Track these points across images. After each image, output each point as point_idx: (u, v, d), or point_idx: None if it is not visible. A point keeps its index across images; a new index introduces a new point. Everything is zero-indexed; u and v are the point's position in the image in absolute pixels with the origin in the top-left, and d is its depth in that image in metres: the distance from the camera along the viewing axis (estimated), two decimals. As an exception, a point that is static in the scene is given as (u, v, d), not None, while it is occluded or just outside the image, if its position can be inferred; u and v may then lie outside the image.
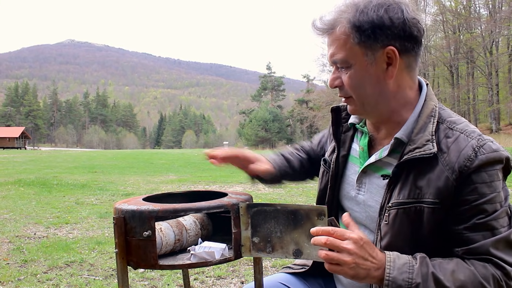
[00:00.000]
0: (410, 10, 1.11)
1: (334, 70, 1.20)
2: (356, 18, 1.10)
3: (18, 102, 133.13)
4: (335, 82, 1.20)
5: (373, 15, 1.09)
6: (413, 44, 1.14)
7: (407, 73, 1.17)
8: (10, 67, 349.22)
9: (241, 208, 1.17)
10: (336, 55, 1.15)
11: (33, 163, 22.32)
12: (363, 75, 1.14)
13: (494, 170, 1.08)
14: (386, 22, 1.09)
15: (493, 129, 36.38)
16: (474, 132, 1.13)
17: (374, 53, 1.12)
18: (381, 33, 1.10)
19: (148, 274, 3.82)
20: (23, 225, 6.04)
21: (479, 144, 1.09)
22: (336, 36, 1.14)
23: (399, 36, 1.11)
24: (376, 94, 1.17)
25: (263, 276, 1.30)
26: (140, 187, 11.11)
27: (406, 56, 1.14)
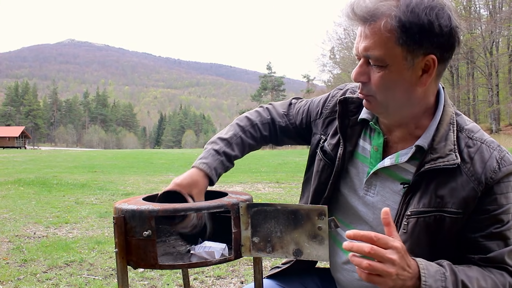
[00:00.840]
0: (455, 17, 1.05)
1: (362, 64, 1.11)
2: (406, 17, 1.01)
3: (18, 101, 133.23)
4: (361, 77, 1.12)
5: (424, 18, 1.01)
6: (451, 54, 1.09)
7: (435, 81, 1.13)
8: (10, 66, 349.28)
9: (241, 208, 1.17)
10: (373, 50, 1.06)
11: (33, 163, 22.32)
12: (397, 78, 1.07)
13: (509, 181, 1.10)
14: (435, 29, 1.02)
15: (493, 130, 36.38)
16: (493, 142, 1.14)
17: (414, 58, 1.05)
18: (428, 40, 1.03)
19: (147, 273, 3.82)
20: (23, 224, 6.04)
21: (500, 156, 1.10)
22: (377, 29, 1.04)
23: (442, 45, 1.05)
24: (404, 99, 1.11)
25: (263, 276, 1.30)
26: (140, 186, 11.11)
27: (441, 65, 1.09)
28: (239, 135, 1.42)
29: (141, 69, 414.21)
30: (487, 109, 38.61)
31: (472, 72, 42.81)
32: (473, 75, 42.87)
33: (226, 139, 1.39)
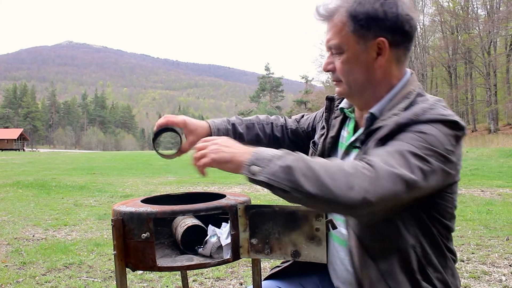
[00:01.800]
0: (405, 7, 1.19)
1: (329, 55, 1.29)
2: (353, 8, 1.19)
3: (17, 103, 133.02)
4: (328, 66, 1.29)
5: (369, 7, 1.18)
6: (403, 39, 1.22)
7: (395, 65, 1.25)
8: (8, 68, 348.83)
9: (239, 209, 1.17)
10: (332, 40, 1.24)
11: (32, 165, 22.29)
12: (354, 61, 1.23)
13: (421, 129, 1.12)
14: (380, 15, 1.17)
15: (491, 130, 36.40)
16: (431, 103, 1.19)
17: (366, 42, 1.20)
18: (375, 24, 1.18)
19: (147, 275, 3.81)
20: (22, 227, 6.03)
21: (428, 108, 1.16)
22: (333, 23, 1.23)
23: (390, 29, 1.19)
24: (364, 80, 1.25)
25: (261, 277, 1.31)
26: (138, 188, 11.10)
27: (395, 49, 1.22)
28: (253, 121, 1.61)
29: (140, 70, 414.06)
30: (485, 109, 38.63)
31: (470, 72, 42.84)
32: (471, 75, 42.91)
33: (241, 119, 1.61)
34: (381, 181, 1.00)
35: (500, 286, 3.52)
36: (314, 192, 0.98)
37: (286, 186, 1.00)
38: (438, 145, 1.09)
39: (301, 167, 1.01)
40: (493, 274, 3.80)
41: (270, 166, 1.02)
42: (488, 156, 17.71)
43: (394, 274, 1.18)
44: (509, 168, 14.17)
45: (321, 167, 1.01)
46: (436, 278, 1.20)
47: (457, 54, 42.06)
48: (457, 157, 1.15)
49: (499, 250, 4.50)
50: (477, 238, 5.04)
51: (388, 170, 1.02)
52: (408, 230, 1.18)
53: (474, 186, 10.35)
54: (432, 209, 1.19)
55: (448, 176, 1.13)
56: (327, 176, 1.00)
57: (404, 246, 1.18)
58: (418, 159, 1.06)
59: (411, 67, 41.82)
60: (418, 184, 1.04)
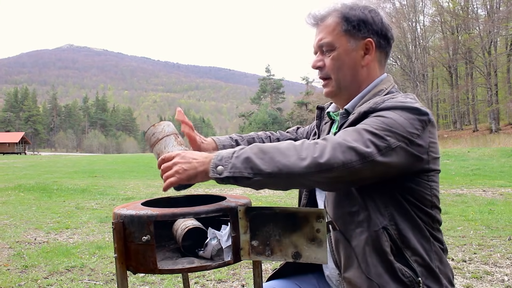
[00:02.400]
0: (386, 18, 1.39)
1: (318, 54, 1.41)
2: (347, 12, 1.35)
3: (18, 107, 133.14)
4: (318, 63, 1.40)
5: (359, 12, 1.35)
6: (386, 43, 1.39)
7: (377, 66, 1.40)
8: (9, 72, 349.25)
9: (239, 211, 1.17)
10: (324, 39, 1.36)
11: (33, 168, 22.31)
12: (344, 58, 1.36)
13: (378, 114, 1.21)
14: (369, 19, 1.35)
15: (492, 129, 36.36)
16: (392, 96, 1.28)
17: (356, 41, 1.35)
18: (364, 26, 1.35)
19: (148, 278, 3.81)
20: (24, 230, 6.04)
21: (383, 99, 1.26)
22: (326, 24, 1.37)
23: (377, 32, 1.36)
24: (351, 77, 1.37)
25: (262, 279, 1.31)
26: (140, 191, 11.10)
27: (379, 51, 1.39)
28: (253, 136, 1.73)
29: (140, 73, 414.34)
30: (487, 109, 38.60)
31: (471, 72, 42.84)
32: (472, 75, 42.90)
33: (242, 136, 1.72)
34: (331, 150, 1.10)
35: (503, 286, 3.51)
36: (271, 171, 1.09)
37: (248, 174, 1.10)
38: (397, 127, 1.15)
39: (256, 153, 1.11)
40: (495, 274, 3.79)
41: (232, 162, 1.12)
42: (489, 156, 17.69)
43: (365, 254, 1.22)
44: (511, 168, 14.14)
45: (274, 148, 1.12)
46: (414, 261, 1.22)
47: (458, 54, 42.06)
48: (426, 141, 1.19)
49: (501, 250, 4.49)
50: (479, 238, 5.03)
51: (340, 142, 1.12)
52: (380, 211, 1.22)
53: (476, 186, 10.33)
54: (408, 193, 1.23)
55: (417, 159, 1.19)
56: (280, 154, 1.10)
57: (374, 227, 1.22)
58: (373, 136, 1.13)
59: (412, 67, 41.85)
60: (373, 157, 1.11)
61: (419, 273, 1.21)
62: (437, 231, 1.30)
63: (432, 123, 1.22)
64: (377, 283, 1.20)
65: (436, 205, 1.29)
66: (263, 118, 68.46)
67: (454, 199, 8.22)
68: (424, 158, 1.20)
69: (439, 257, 1.27)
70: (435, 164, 1.25)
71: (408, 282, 1.20)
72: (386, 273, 1.20)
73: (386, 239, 1.21)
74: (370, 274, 1.21)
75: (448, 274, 1.29)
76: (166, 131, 1.35)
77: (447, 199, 8.20)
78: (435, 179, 1.27)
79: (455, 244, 4.80)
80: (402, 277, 1.20)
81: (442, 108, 50.47)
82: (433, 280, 1.23)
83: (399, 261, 1.22)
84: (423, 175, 1.24)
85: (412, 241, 1.23)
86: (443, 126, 51.71)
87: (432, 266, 1.24)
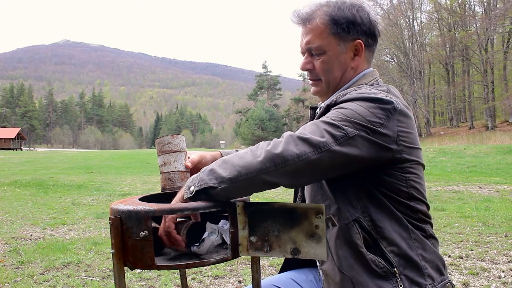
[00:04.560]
0: (372, 14, 1.37)
1: (307, 56, 1.39)
2: (335, 13, 1.32)
3: (14, 103, 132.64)
4: (307, 66, 1.39)
5: (348, 13, 1.32)
6: (373, 41, 1.39)
7: (366, 64, 1.40)
8: (5, 68, 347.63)
9: (238, 207, 1.16)
10: (313, 43, 1.35)
11: (29, 164, 22.25)
12: (334, 61, 1.35)
13: (342, 105, 1.21)
14: (358, 20, 1.33)
15: (489, 127, 36.48)
16: (361, 88, 1.29)
17: (345, 44, 1.34)
18: (353, 28, 1.33)
19: (145, 274, 3.81)
20: (19, 226, 6.02)
21: (349, 92, 1.27)
22: (313, 26, 1.34)
23: (366, 32, 1.35)
24: (340, 78, 1.38)
25: (260, 275, 1.30)
26: (136, 187, 11.09)
27: (368, 50, 1.39)
28: None
29: (137, 69, 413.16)
30: (483, 106, 38.71)
31: (467, 69, 42.94)
32: (469, 72, 42.99)
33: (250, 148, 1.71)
34: (284, 144, 1.10)
35: (499, 282, 3.52)
36: (232, 176, 1.10)
37: (213, 183, 1.11)
38: (356, 116, 1.15)
39: (219, 164, 1.15)
40: (492, 270, 3.80)
41: (199, 177, 1.15)
42: (485, 153, 17.74)
43: (336, 247, 1.24)
44: (507, 165, 14.20)
45: (234, 156, 1.15)
46: (390, 251, 1.22)
47: (455, 51, 42.13)
48: (393, 130, 1.18)
49: (498, 247, 4.51)
50: (475, 234, 5.05)
51: (293, 135, 1.12)
52: (351, 204, 1.23)
53: (472, 183, 10.37)
54: (381, 186, 1.23)
55: (383, 148, 1.17)
56: (238, 159, 1.13)
57: (344, 220, 1.23)
58: (329, 126, 1.14)
59: (409, 64, 41.89)
60: (328, 146, 1.11)
61: (395, 263, 1.21)
62: (421, 221, 1.28)
63: (400, 112, 1.20)
64: (348, 275, 1.21)
65: (416, 196, 1.26)
66: (259, 114, 68.46)
67: (450, 195, 8.25)
68: (392, 147, 1.18)
69: (422, 245, 1.25)
70: (410, 154, 1.23)
71: (382, 272, 1.20)
72: (358, 265, 1.21)
73: (357, 231, 1.22)
74: (341, 267, 1.22)
75: (435, 261, 1.27)
76: (181, 146, 1.42)
77: (443, 195, 8.23)
78: (412, 170, 1.25)
79: (451, 240, 4.81)
80: (376, 268, 1.20)
81: (438, 105, 50.60)
82: (412, 269, 1.22)
83: (374, 252, 1.22)
84: (396, 166, 1.22)
85: (388, 231, 1.22)
86: (439, 123, 51.89)
87: (410, 254, 1.22)
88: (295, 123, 69.85)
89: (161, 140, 1.42)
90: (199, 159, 1.46)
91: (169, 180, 1.41)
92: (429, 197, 7.90)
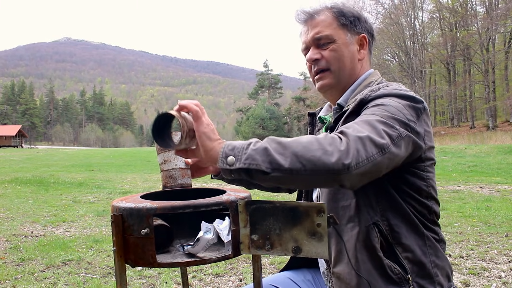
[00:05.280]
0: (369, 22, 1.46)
1: (313, 48, 1.40)
2: (341, 8, 1.41)
3: (15, 100, 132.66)
4: (315, 55, 1.40)
5: (353, 9, 1.43)
6: (372, 41, 1.46)
7: (368, 61, 1.47)
8: (6, 65, 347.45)
9: (239, 205, 1.16)
10: (322, 32, 1.38)
11: (30, 162, 22.26)
12: (344, 50, 1.38)
13: (374, 103, 1.20)
14: (362, 17, 1.43)
15: (490, 126, 36.44)
16: (384, 84, 1.32)
17: (352, 36, 1.40)
18: (359, 23, 1.41)
19: (146, 272, 3.81)
20: (20, 223, 6.02)
21: (375, 89, 1.27)
22: (323, 18, 1.39)
23: (368, 30, 1.44)
24: (350, 68, 1.40)
25: (261, 273, 1.30)
26: (137, 185, 11.09)
27: (369, 48, 1.46)
28: None
29: (138, 67, 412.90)
30: (484, 106, 38.65)
31: (468, 69, 42.87)
32: (470, 72, 42.93)
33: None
34: (355, 145, 1.01)
35: (500, 282, 3.52)
36: (294, 167, 0.97)
37: (266, 168, 0.98)
38: (398, 114, 1.14)
39: (276, 147, 0.99)
40: (493, 270, 3.80)
41: (248, 152, 1.00)
42: (486, 153, 17.73)
43: (355, 249, 1.22)
44: (508, 165, 14.18)
45: (294, 142, 1.00)
46: (405, 257, 1.21)
47: (456, 51, 42.06)
48: (422, 129, 1.19)
49: (498, 247, 4.51)
50: (476, 234, 5.05)
51: (359, 135, 1.03)
52: (371, 206, 1.21)
53: (473, 182, 10.36)
54: (403, 184, 1.22)
55: (417, 147, 1.17)
56: (302, 149, 0.99)
57: (365, 222, 1.21)
58: (384, 125, 1.09)
59: (410, 64, 41.85)
60: (390, 148, 1.06)
61: (409, 269, 1.20)
62: (433, 223, 1.28)
63: (426, 112, 1.22)
64: (366, 279, 1.19)
65: (433, 196, 1.27)
66: (260, 113, 68.43)
67: (451, 195, 8.24)
68: (421, 145, 1.19)
69: (435, 252, 1.25)
70: (430, 153, 1.25)
71: (397, 279, 1.19)
72: (375, 270, 1.20)
73: (376, 235, 1.20)
74: (359, 271, 1.20)
75: (446, 268, 1.27)
76: None
77: (444, 195, 8.22)
78: (430, 169, 1.26)
79: (452, 240, 4.81)
80: (391, 274, 1.19)
81: (439, 105, 50.53)
82: (424, 276, 1.21)
83: (389, 257, 1.21)
84: (419, 165, 1.23)
85: (404, 236, 1.21)
86: (440, 123, 51.80)
87: (424, 261, 1.22)
88: (295, 122, 69.82)
89: None
90: None
91: (170, 178, 1.41)
92: (429, 196, 7.94)
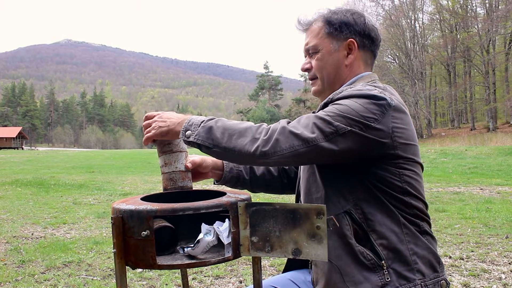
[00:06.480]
0: (371, 21, 1.45)
1: (307, 57, 1.49)
2: (329, 16, 1.44)
3: (15, 102, 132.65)
4: (305, 65, 1.49)
5: (341, 15, 1.43)
6: (370, 43, 1.45)
7: (362, 65, 1.46)
8: (7, 67, 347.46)
9: (239, 207, 1.17)
10: (310, 43, 1.45)
11: (30, 163, 22.26)
12: (327, 58, 1.43)
13: (339, 102, 1.26)
14: (350, 21, 1.42)
15: (490, 128, 36.42)
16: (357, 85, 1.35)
17: (338, 42, 1.42)
18: (346, 28, 1.42)
19: (146, 274, 3.81)
20: (21, 225, 6.02)
21: (343, 89, 1.33)
22: (311, 29, 1.46)
23: (359, 33, 1.42)
24: (334, 75, 1.44)
25: (262, 275, 1.30)
26: (137, 186, 11.09)
27: (363, 50, 1.45)
28: None
29: (138, 69, 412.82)
30: (484, 107, 38.64)
31: (469, 71, 42.85)
32: (470, 74, 42.91)
33: None
34: (278, 136, 1.17)
35: (500, 284, 3.52)
36: (227, 146, 1.20)
37: (209, 144, 1.23)
38: (350, 112, 1.19)
39: (219, 127, 1.23)
40: (493, 272, 3.80)
41: (198, 130, 1.24)
42: (487, 154, 17.72)
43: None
44: (508, 166, 14.18)
45: (234, 126, 1.23)
46: (379, 244, 1.24)
47: (456, 52, 42.06)
48: (388, 126, 1.21)
49: (499, 248, 4.51)
50: (476, 236, 5.04)
51: (287, 129, 1.18)
52: (343, 196, 1.27)
53: (473, 184, 10.36)
54: (374, 179, 1.25)
55: (377, 143, 1.21)
56: (237, 133, 1.21)
57: (336, 211, 1.27)
58: (321, 121, 1.19)
59: (410, 65, 41.85)
60: (317, 141, 1.17)
61: (384, 256, 1.23)
62: (415, 216, 1.29)
63: (394, 108, 1.24)
64: (336, 265, 1.25)
65: (410, 192, 1.28)
66: (261, 114, 68.39)
67: (451, 197, 8.24)
68: (386, 142, 1.21)
69: (414, 240, 1.26)
70: (405, 151, 1.26)
71: (370, 264, 1.23)
72: (346, 255, 1.24)
73: (347, 223, 1.25)
74: (330, 257, 1.23)
75: (428, 257, 1.27)
76: (181, 146, 1.45)
77: (444, 196, 8.22)
78: (407, 166, 1.27)
79: (452, 242, 4.81)
80: (363, 259, 1.23)
81: (440, 106, 50.52)
82: (401, 263, 1.23)
83: (364, 244, 1.25)
84: (390, 161, 1.25)
85: (379, 224, 1.25)
86: (440, 124, 51.78)
87: (400, 248, 1.24)
88: (296, 124, 69.62)
89: (161, 141, 1.42)
90: (200, 161, 1.53)
91: (170, 180, 1.42)
92: (430, 198, 7.91)
